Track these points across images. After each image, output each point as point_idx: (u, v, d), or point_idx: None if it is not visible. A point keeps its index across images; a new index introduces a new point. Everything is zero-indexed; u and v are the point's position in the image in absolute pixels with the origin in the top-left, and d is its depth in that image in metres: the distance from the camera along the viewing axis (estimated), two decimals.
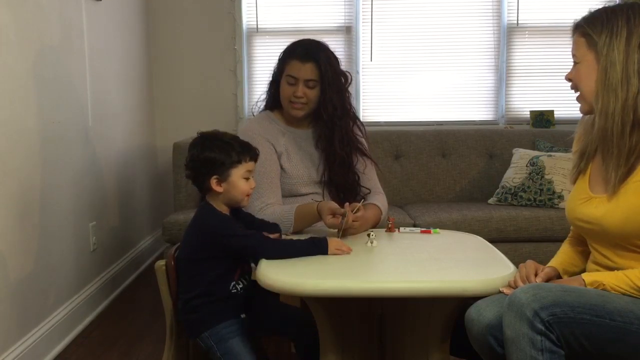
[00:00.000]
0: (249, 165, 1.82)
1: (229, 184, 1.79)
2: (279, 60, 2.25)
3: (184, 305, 1.83)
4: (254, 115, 2.39)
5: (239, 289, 1.82)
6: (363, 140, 2.34)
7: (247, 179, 1.82)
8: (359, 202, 2.06)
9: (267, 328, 1.92)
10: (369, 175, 2.32)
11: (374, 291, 1.57)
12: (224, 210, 1.83)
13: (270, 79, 2.31)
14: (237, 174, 1.79)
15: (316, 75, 2.16)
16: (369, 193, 2.29)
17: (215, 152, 1.78)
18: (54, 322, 2.63)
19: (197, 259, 1.80)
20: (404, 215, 3.28)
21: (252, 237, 1.79)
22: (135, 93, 3.89)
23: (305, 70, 2.16)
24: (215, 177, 1.78)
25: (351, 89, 2.29)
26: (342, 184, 2.26)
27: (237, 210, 1.89)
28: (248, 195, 1.84)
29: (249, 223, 1.92)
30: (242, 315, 1.83)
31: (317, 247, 1.78)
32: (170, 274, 1.86)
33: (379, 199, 2.28)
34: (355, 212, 2.00)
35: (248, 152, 1.82)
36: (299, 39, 2.26)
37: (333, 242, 1.79)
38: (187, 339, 1.90)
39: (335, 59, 2.23)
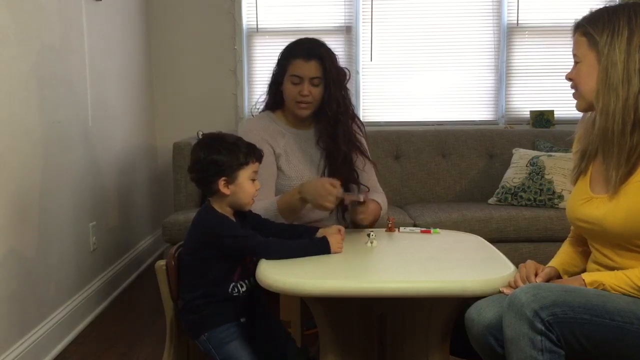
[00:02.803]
0: (255, 166, 1.83)
1: (237, 186, 1.79)
2: (280, 61, 2.24)
3: (185, 305, 1.82)
4: (253, 116, 2.38)
5: (241, 291, 1.81)
6: (362, 140, 2.33)
7: (253, 180, 1.82)
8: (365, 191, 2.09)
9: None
10: (368, 174, 2.32)
11: (374, 291, 1.56)
12: (227, 212, 1.82)
13: (270, 80, 2.30)
14: (245, 175, 1.79)
15: (320, 72, 2.16)
16: (368, 191, 2.28)
17: (222, 155, 1.77)
18: (54, 322, 2.63)
19: (198, 259, 1.80)
20: (404, 215, 3.28)
21: (252, 237, 1.78)
22: (135, 93, 3.89)
23: (310, 68, 2.16)
24: (223, 178, 1.77)
25: (350, 87, 2.29)
26: (342, 182, 2.26)
27: (243, 213, 1.89)
28: (253, 198, 1.84)
29: (257, 224, 1.91)
30: (242, 319, 1.82)
31: (318, 248, 1.78)
32: (170, 274, 1.85)
33: (379, 197, 2.27)
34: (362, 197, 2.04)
35: (254, 153, 1.83)
36: (296, 39, 2.26)
37: (333, 240, 1.79)
38: (187, 339, 1.90)
39: (334, 55, 2.23)
